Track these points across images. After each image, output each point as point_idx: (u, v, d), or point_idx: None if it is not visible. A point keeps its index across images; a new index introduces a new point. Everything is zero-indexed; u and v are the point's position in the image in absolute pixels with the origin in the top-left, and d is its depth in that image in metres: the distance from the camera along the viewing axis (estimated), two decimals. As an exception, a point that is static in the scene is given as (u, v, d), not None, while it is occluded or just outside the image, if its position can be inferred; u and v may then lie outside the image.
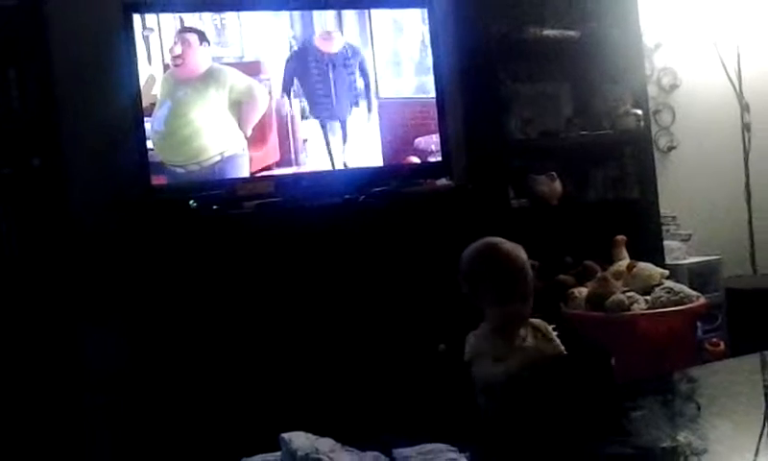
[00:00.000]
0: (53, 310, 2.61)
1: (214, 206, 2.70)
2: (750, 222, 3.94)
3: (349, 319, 2.75)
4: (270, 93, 2.90)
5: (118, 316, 2.81)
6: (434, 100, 3.08)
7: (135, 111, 2.73)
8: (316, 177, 2.93)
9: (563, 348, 1.98)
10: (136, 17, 2.73)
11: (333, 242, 2.77)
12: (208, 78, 2.83)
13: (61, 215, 2.66)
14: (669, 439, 1.54)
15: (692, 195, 3.77)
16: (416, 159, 3.09)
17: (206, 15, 2.83)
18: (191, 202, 2.69)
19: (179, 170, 2.79)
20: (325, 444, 1.29)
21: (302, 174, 2.93)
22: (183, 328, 2.60)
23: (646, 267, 2.97)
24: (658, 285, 2.90)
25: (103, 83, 2.84)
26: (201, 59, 2.82)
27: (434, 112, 3.08)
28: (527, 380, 1.75)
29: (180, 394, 2.58)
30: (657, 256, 3.26)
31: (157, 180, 2.74)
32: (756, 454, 1.42)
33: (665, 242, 3.44)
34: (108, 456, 2.80)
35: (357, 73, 3.00)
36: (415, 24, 3.10)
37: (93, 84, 2.85)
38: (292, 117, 2.93)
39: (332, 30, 2.98)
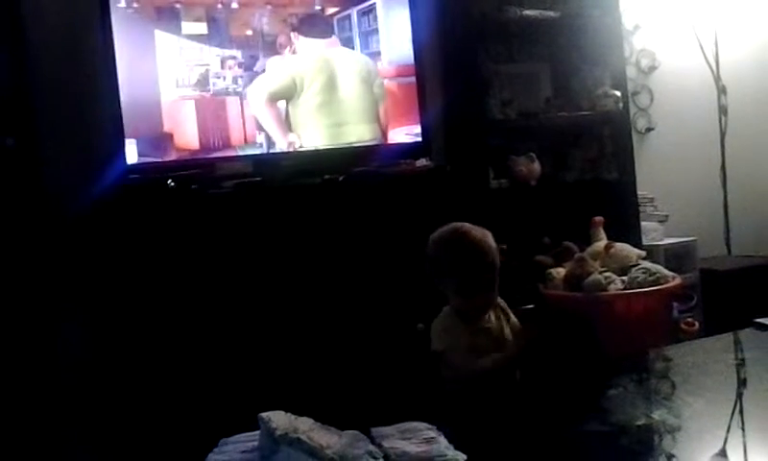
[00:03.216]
0: (28, 293, 2.58)
1: (192, 186, 2.68)
2: (725, 204, 3.99)
3: (329, 299, 2.75)
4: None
5: (95, 297, 2.79)
6: (414, 80, 3.07)
7: (111, 90, 2.69)
8: (295, 156, 2.92)
9: (518, 324, 2.00)
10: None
11: (312, 222, 2.76)
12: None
13: (36, 196, 2.63)
14: (644, 416, 1.56)
15: (669, 177, 3.80)
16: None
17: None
18: (169, 181, 2.67)
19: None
20: (304, 423, 1.29)
21: (282, 153, 2.91)
22: (162, 309, 2.58)
23: (623, 248, 3.00)
24: (634, 266, 2.92)
25: (78, 60, 2.80)
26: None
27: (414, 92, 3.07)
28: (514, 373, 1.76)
29: (158, 374, 2.57)
30: (634, 237, 3.29)
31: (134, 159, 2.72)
32: (728, 432, 1.45)
33: (642, 223, 3.47)
34: (84, 439, 2.79)
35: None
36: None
37: (68, 62, 2.81)
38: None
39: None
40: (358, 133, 3.01)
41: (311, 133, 2.94)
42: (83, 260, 2.83)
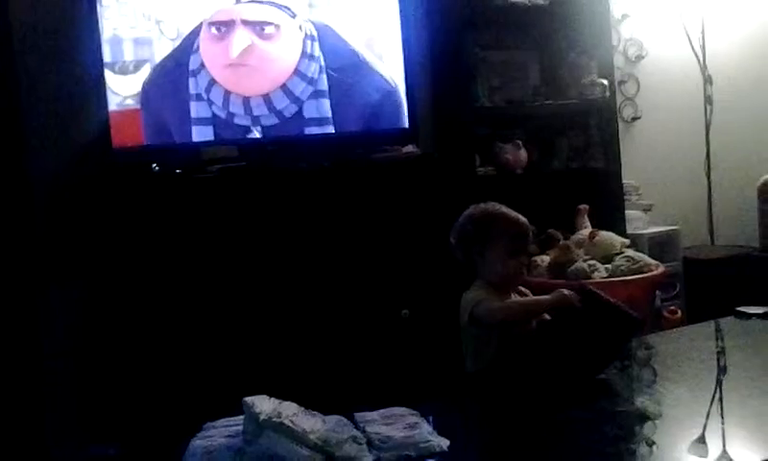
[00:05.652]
0: (11, 277, 2.56)
1: (177, 170, 2.67)
2: (709, 193, 4.02)
3: (314, 285, 2.75)
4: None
5: (80, 282, 2.78)
6: (402, 66, 3.06)
7: (97, 73, 2.67)
8: (281, 141, 2.90)
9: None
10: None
11: (298, 207, 2.75)
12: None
13: (20, 180, 2.60)
14: (626, 404, 1.57)
15: (654, 166, 3.82)
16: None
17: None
18: (153, 165, 2.66)
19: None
20: (288, 407, 1.30)
21: (267, 138, 2.90)
22: (146, 293, 2.58)
23: (608, 236, 3.02)
24: (618, 254, 2.95)
25: (63, 43, 2.77)
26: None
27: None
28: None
29: (143, 357, 2.56)
30: (618, 226, 3.31)
31: (119, 142, 2.70)
32: (707, 418, 1.46)
33: (627, 212, 3.49)
34: (68, 420, 2.78)
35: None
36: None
37: (53, 44, 2.77)
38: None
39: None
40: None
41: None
42: (67, 244, 2.81)
